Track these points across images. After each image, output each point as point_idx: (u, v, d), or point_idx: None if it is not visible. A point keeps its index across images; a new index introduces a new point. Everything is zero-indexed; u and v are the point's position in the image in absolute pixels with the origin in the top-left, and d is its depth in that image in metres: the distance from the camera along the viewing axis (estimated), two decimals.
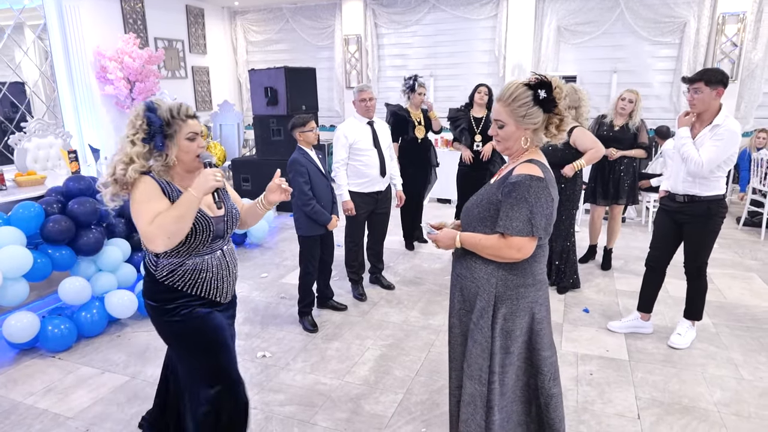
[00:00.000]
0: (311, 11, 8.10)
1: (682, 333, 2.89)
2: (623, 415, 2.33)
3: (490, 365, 1.62)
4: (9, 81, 5.69)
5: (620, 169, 3.98)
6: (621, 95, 3.91)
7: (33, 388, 2.65)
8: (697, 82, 2.53)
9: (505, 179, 1.58)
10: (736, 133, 2.53)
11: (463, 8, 7.23)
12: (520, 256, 1.55)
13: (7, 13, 5.60)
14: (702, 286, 2.86)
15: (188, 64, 7.90)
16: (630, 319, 3.14)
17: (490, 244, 1.57)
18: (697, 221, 2.72)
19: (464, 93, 7.43)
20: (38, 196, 3.36)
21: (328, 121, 8.28)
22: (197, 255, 1.75)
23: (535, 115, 1.55)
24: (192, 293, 1.75)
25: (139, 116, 1.64)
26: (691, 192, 2.70)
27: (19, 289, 2.91)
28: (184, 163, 1.71)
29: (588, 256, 4.35)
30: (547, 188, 1.54)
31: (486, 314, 1.61)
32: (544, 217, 1.53)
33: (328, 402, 2.47)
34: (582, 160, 3.43)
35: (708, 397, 2.45)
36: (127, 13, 6.77)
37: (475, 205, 1.67)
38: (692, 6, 6.29)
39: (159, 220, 1.59)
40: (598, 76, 6.89)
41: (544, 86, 1.53)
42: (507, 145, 1.63)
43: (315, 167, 3.14)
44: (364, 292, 3.71)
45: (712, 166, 2.57)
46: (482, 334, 1.62)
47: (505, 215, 1.53)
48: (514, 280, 1.60)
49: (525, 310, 1.61)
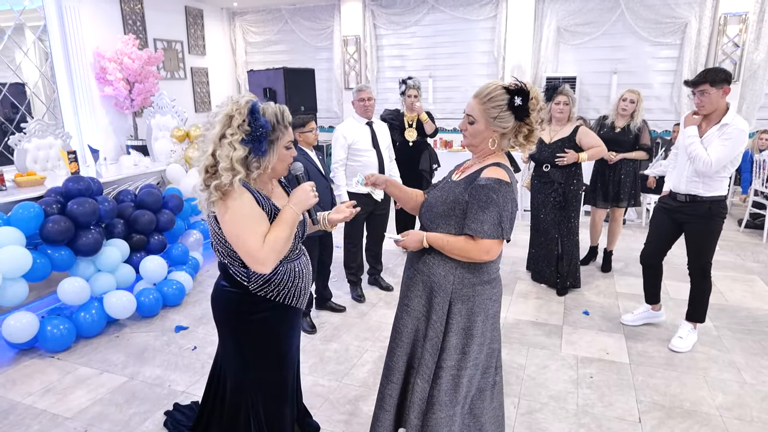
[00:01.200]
0: (310, 12, 8.10)
1: (684, 336, 2.87)
2: (624, 418, 2.32)
3: (438, 362, 1.66)
4: (9, 82, 5.68)
5: (621, 171, 3.96)
6: (622, 96, 3.87)
7: (32, 388, 2.64)
8: (702, 84, 2.50)
9: (471, 180, 1.60)
10: (744, 131, 2.52)
11: (463, 9, 7.23)
12: (488, 257, 1.58)
13: (8, 14, 5.60)
14: (706, 287, 2.84)
15: (187, 65, 7.90)
16: (642, 311, 3.19)
17: (459, 246, 1.59)
18: (697, 221, 2.72)
19: (463, 94, 7.48)
20: (38, 196, 3.35)
21: (327, 122, 8.27)
22: (288, 261, 1.68)
23: (506, 120, 1.57)
24: (282, 302, 1.68)
25: (242, 115, 1.48)
26: (693, 192, 2.69)
27: (18, 289, 2.90)
28: (276, 172, 1.63)
29: (588, 257, 4.34)
30: (513, 193, 1.58)
31: (441, 311, 1.64)
32: (509, 221, 1.57)
33: (326, 404, 2.46)
34: (584, 154, 3.46)
35: (710, 401, 2.43)
36: (126, 14, 6.77)
37: (439, 203, 1.66)
38: (693, 6, 6.28)
39: (272, 242, 1.51)
40: (598, 77, 6.88)
41: (522, 94, 1.54)
42: (473, 141, 1.65)
43: (314, 168, 3.13)
44: (362, 293, 3.70)
45: (720, 166, 2.55)
46: (434, 331, 1.66)
47: (475, 218, 1.55)
48: (471, 279, 1.63)
49: (480, 307, 1.64)
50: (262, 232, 1.51)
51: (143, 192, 3.83)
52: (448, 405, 1.66)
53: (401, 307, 1.77)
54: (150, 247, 3.72)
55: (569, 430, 2.24)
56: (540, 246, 3.77)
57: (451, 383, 1.66)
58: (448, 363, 1.65)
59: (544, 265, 3.76)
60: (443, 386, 1.65)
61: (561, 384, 2.59)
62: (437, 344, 1.65)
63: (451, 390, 1.66)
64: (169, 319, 3.42)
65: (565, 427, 2.26)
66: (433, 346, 1.66)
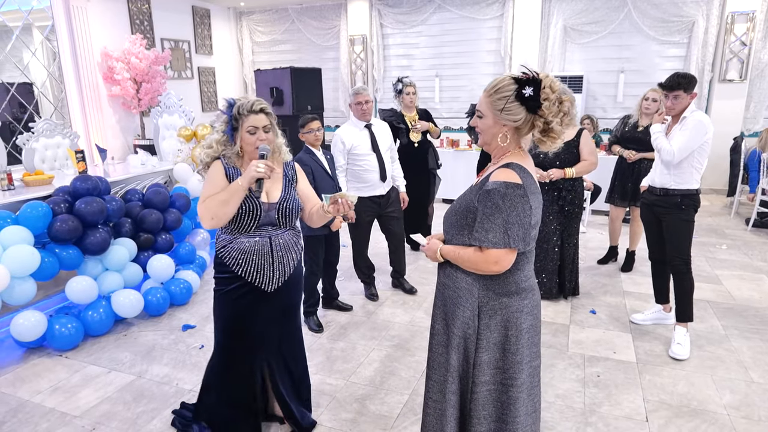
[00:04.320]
0: (317, 12, 8.12)
1: (682, 342, 2.84)
2: (631, 417, 2.31)
3: (472, 377, 1.56)
4: (17, 82, 5.72)
5: (640, 170, 3.89)
6: (645, 95, 3.85)
7: (40, 386, 2.67)
8: (677, 90, 2.70)
9: (483, 184, 1.49)
10: (702, 122, 2.70)
11: (469, 8, 7.22)
12: (498, 269, 1.46)
13: (15, 14, 5.65)
14: (688, 283, 2.86)
15: (194, 65, 7.94)
16: (653, 311, 3.20)
17: (467, 257, 1.49)
18: (670, 213, 2.86)
19: (469, 93, 7.48)
20: (46, 195, 3.38)
21: (333, 122, 8.28)
22: (247, 236, 1.94)
23: (515, 112, 1.44)
24: (237, 273, 1.94)
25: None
26: (666, 185, 2.86)
27: (26, 288, 2.92)
28: (248, 153, 1.95)
29: (608, 257, 4.32)
30: (525, 196, 1.42)
31: (471, 326, 1.54)
32: (521, 227, 1.43)
33: (333, 402, 2.47)
34: (573, 170, 3.31)
35: (717, 400, 2.42)
36: (134, 14, 6.81)
37: (453, 212, 1.58)
38: (701, 5, 6.24)
39: (208, 201, 1.86)
40: (605, 76, 6.86)
41: (532, 83, 1.41)
42: (485, 139, 1.54)
43: (320, 168, 3.13)
44: (376, 292, 3.69)
45: (683, 155, 2.72)
46: (464, 345, 1.56)
47: (480, 226, 1.44)
48: (497, 289, 1.52)
49: (511, 321, 1.52)
50: (208, 193, 1.88)
51: (151, 191, 3.85)
52: (486, 419, 1.57)
53: (433, 318, 1.68)
54: (157, 246, 3.74)
55: (576, 429, 2.24)
56: (538, 258, 3.48)
57: (488, 398, 1.56)
58: (482, 378, 1.55)
59: (545, 278, 3.53)
60: (479, 401, 1.56)
61: (568, 383, 2.58)
62: (470, 361, 1.56)
63: (488, 404, 1.57)
64: (177, 318, 3.44)
65: (572, 426, 2.25)
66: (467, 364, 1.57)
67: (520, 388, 1.55)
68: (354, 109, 3.43)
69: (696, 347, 2.89)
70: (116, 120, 6.65)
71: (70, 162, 4.56)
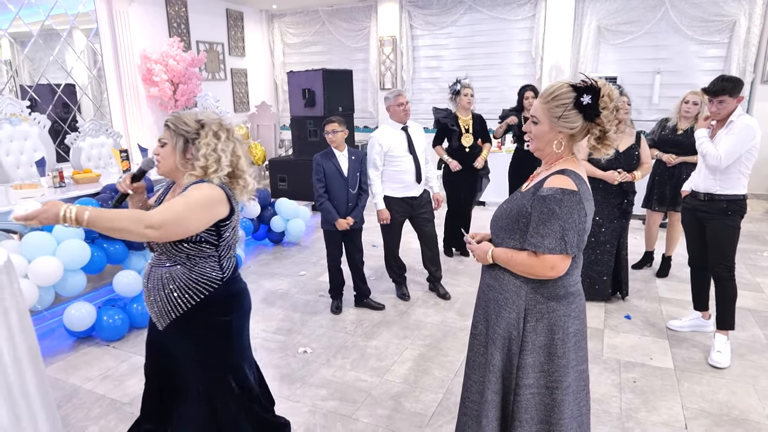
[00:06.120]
0: (347, 13, 8.20)
1: (722, 350, 2.78)
2: (669, 424, 2.29)
3: (516, 379, 1.57)
4: (62, 83, 5.98)
5: (680, 174, 3.82)
6: (684, 98, 3.78)
7: (90, 374, 2.81)
8: (722, 95, 2.63)
9: (536, 189, 1.50)
10: (750, 126, 2.62)
11: (500, 9, 7.18)
12: (554, 274, 1.47)
13: (62, 17, 5.90)
14: (731, 290, 2.80)
15: (227, 67, 8.13)
16: (691, 318, 3.14)
17: (521, 261, 1.50)
18: (715, 219, 2.78)
19: (499, 95, 7.44)
20: (94, 192, 3.54)
21: (362, 122, 8.36)
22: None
23: (572, 120, 1.45)
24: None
25: None
26: (711, 190, 2.78)
27: (78, 280, 3.08)
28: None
29: (643, 262, 4.26)
30: (580, 202, 1.44)
31: (516, 328, 1.55)
32: (576, 234, 1.44)
33: (369, 399, 2.52)
34: (638, 172, 3.38)
35: (760, 410, 2.37)
36: (171, 17, 7.02)
37: (504, 215, 1.59)
38: (743, 3, 6.06)
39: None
40: (640, 77, 6.72)
41: (591, 91, 1.42)
42: (538, 145, 1.55)
43: (334, 168, 3.27)
44: (407, 292, 3.73)
45: (730, 160, 2.65)
46: (508, 345, 1.57)
47: (536, 232, 1.45)
48: (545, 293, 1.53)
49: (558, 324, 1.53)
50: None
51: None
52: (529, 422, 1.59)
53: (475, 319, 1.70)
54: None
55: None
56: (592, 262, 3.49)
57: (531, 401, 1.57)
58: (526, 381, 1.56)
59: (598, 281, 3.52)
60: (522, 403, 1.57)
61: (604, 387, 2.57)
62: (514, 362, 1.57)
63: (531, 408, 1.57)
64: None
65: (608, 431, 2.25)
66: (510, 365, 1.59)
67: (566, 391, 1.56)
68: (394, 111, 3.45)
69: (737, 356, 2.83)
70: (154, 120, 6.87)
71: (114, 160, 4.76)
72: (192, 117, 1.68)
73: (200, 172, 1.65)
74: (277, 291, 3.93)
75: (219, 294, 1.71)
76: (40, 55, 5.79)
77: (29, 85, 5.71)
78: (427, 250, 3.73)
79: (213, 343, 1.74)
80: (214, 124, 1.69)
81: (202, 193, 1.61)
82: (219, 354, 1.76)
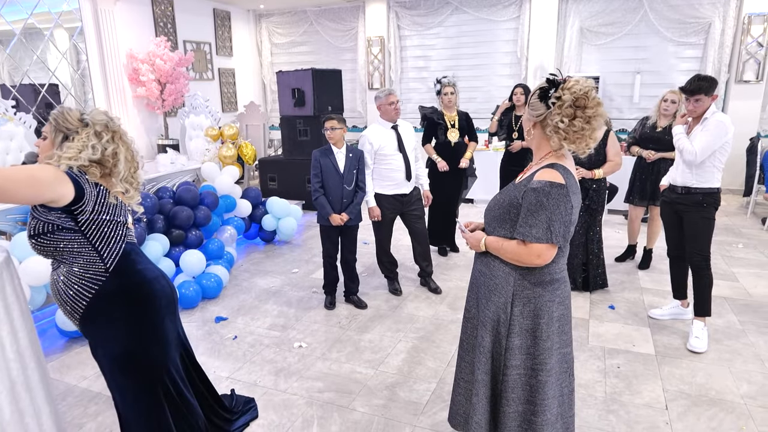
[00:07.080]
0: (335, 14, 8.26)
1: (700, 336, 2.93)
2: (651, 405, 2.41)
3: (504, 359, 1.68)
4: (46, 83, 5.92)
5: (659, 170, 3.97)
6: (663, 96, 3.94)
7: (86, 373, 2.82)
8: (698, 94, 2.78)
9: (527, 182, 1.61)
10: (723, 123, 2.77)
11: (486, 10, 7.31)
12: (540, 262, 1.58)
13: (45, 16, 5.84)
14: (707, 278, 2.95)
15: (215, 66, 8.12)
16: (671, 307, 3.28)
17: (511, 249, 1.61)
18: (692, 211, 2.94)
19: (486, 94, 7.58)
20: None
21: (351, 122, 8.42)
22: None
23: (536, 107, 1.60)
24: None
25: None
26: (688, 184, 2.94)
27: None
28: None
29: (626, 255, 4.41)
30: (567, 195, 1.54)
31: (504, 312, 1.66)
32: (562, 225, 1.54)
33: (364, 389, 2.60)
34: (601, 170, 3.48)
35: (735, 390, 2.51)
36: (158, 16, 7.00)
37: (496, 205, 1.70)
38: (717, 6, 6.28)
39: None
40: (621, 77, 6.91)
41: (557, 84, 1.56)
42: (526, 137, 1.73)
43: (331, 164, 3.34)
44: (399, 287, 3.81)
45: (705, 155, 2.80)
46: (496, 327, 1.68)
47: (525, 222, 1.56)
48: (532, 279, 1.63)
49: (543, 309, 1.64)
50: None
51: (181, 189, 4.01)
52: (515, 401, 1.69)
53: (467, 302, 1.82)
54: (188, 242, 3.90)
55: (599, 416, 2.34)
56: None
57: (518, 381, 1.68)
58: (513, 362, 1.67)
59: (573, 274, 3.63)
60: (510, 383, 1.68)
61: (589, 373, 2.69)
62: (502, 344, 1.68)
63: (518, 387, 1.68)
64: (209, 311, 3.59)
65: (594, 413, 2.36)
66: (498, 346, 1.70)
67: (549, 372, 1.67)
68: (384, 110, 3.51)
69: (714, 341, 2.98)
70: (140, 120, 6.85)
71: None
72: (76, 115, 1.69)
73: (55, 159, 1.63)
74: (271, 288, 3.98)
75: (109, 288, 1.70)
76: (20, 54, 5.73)
77: (12, 85, 5.65)
78: (417, 246, 3.80)
79: (119, 339, 1.74)
80: (99, 125, 1.70)
81: (32, 168, 1.61)
82: (125, 350, 1.75)
